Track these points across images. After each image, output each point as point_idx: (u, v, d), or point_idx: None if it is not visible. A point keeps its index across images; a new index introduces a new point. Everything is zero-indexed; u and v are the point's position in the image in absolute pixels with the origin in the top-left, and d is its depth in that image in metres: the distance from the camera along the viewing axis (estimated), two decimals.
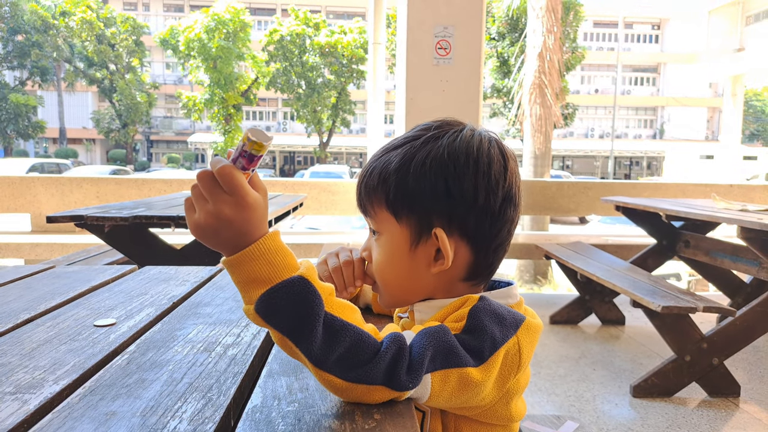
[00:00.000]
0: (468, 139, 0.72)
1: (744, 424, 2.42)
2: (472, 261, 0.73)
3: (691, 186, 5.45)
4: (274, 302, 0.57)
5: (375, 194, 0.73)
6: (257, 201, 0.59)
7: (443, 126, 0.74)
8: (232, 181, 0.57)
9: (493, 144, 0.73)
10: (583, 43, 25.90)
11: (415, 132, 0.75)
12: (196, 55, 23.28)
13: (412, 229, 0.72)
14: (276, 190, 4.90)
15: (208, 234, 0.59)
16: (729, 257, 3.38)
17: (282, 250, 0.59)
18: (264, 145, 0.58)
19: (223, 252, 0.60)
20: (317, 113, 25.73)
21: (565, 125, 16.12)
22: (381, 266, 0.76)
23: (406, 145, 0.73)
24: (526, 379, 0.72)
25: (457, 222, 0.71)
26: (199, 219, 0.59)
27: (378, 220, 0.75)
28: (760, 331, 2.69)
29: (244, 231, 0.58)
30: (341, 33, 24.40)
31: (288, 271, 0.58)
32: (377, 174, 0.73)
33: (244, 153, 0.58)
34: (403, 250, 0.73)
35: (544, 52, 7.58)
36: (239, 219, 0.58)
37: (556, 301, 4.14)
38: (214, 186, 0.57)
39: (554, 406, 2.60)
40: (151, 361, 0.72)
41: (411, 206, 0.71)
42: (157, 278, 1.20)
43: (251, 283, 0.58)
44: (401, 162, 0.71)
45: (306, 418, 0.57)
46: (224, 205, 0.57)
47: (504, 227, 0.74)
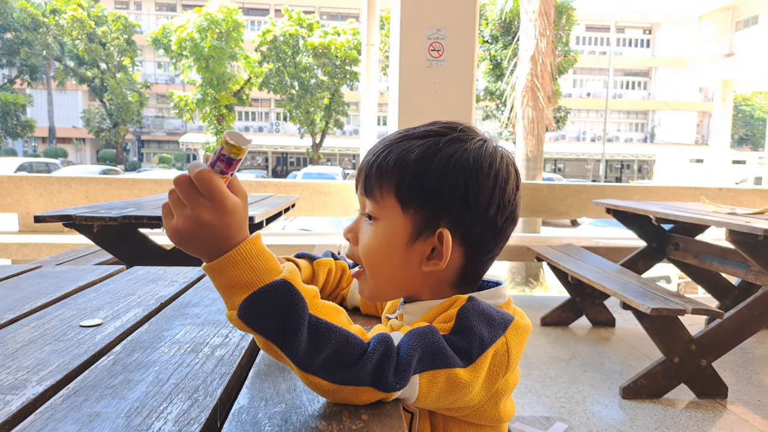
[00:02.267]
0: (492, 152, 0.73)
1: (731, 425, 2.44)
2: (462, 267, 0.74)
3: (681, 189, 5.49)
4: (257, 307, 0.56)
5: (386, 179, 0.72)
6: (237, 205, 0.58)
7: (468, 131, 0.74)
8: (211, 186, 0.56)
9: (511, 163, 0.75)
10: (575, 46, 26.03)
11: (438, 128, 0.74)
12: (188, 54, 23.20)
13: (417, 222, 0.71)
14: (268, 191, 4.89)
15: (187, 239, 0.58)
16: (717, 260, 3.40)
17: (263, 254, 0.59)
18: (242, 149, 0.57)
19: (203, 258, 0.59)
20: (310, 114, 25.70)
21: (557, 128, 16.20)
22: (372, 252, 0.74)
23: (431, 138, 0.72)
24: (515, 379, 0.72)
25: (463, 227, 0.71)
26: (177, 224, 0.58)
27: (381, 206, 0.73)
28: (747, 333, 2.71)
29: (223, 236, 0.58)
30: (335, 34, 24.40)
31: (270, 275, 0.58)
32: (394, 159, 0.71)
33: (222, 157, 0.57)
34: (400, 241, 0.72)
35: (537, 55, 7.61)
36: (218, 224, 0.57)
37: (548, 303, 4.16)
38: (192, 191, 0.57)
39: (544, 407, 2.61)
40: (137, 362, 0.72)
41: (423, 200, 0.70)
42: (145, 278, 1.19)
43: (233, 288, 0.57)
44: (423, 154, 0.70)
45: (293, 418, 0.57)
46: (203, 210, 0.57)
47: (501, 242, 0.75)
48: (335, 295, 0.97)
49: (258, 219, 2.32)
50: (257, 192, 4.69)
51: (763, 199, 5.34)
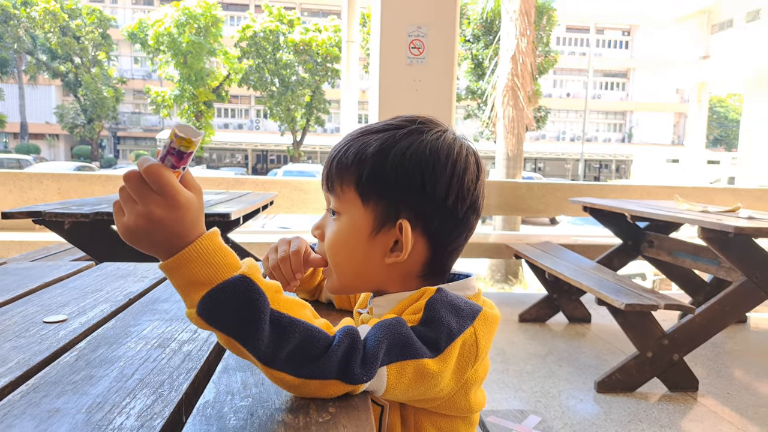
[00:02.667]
0: (450, 142, 0.73)
1: (701, 416, 2.49)
2: (427, 259, 0.74)
3: (656, 188, 5.58)
4: (216, 303, 0.55)
5: (346, 173, 0.72)
6: (190, 200, 0.57)
7: (427, 123, 0.75)
8: (161, 180, 0.55)
9: (471, 153, 0.75)
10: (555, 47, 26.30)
11: (398, 121, 0.75)
12: (165, 49, 22.87)
13: (377, 215, 0.72)
14: (246, 189, 4.85)
15: (140, 237, 0.57)
16: (690, 257, 3.47)
17: (221, 249, 0.58)
18: (193, 141, 0.56)
19: (158, 256, 0.58)
20: (291, 111, 25.54)
21: (538, 128, 16.35)
22: (336, 247, 0.75)
23: (389, 132, 0.72)
24: (485, 369, 0.72)
25: (423, 218, 0.71)
26: (128, 222, 0.56)
27: (343, 200, 0.74)
28: (717, 327, 2.77)
29: (178, 232, 0.56)
30: (316, 31, 24.27)
31: (229, 270, 0.57)
32: (353, 154, 0.72)
33: (172, 150, 0.56)
34: (362, 234, 0.73)
35: (517, 55, 7.66)
36: (171, 219, 0.56)
37: (526, 300, 4.20)
38: (142, 186, 0.55)
39: (521, 401, 2.63)
40: (101, 358, 0.70)
41: (382, 192, 0.71)
42: (114, 275, 1.17)
43: (191, 285, 0.56)
44: (380, 147, 0.71)
45: (259, 412, 0.56)
46: (154, 206, 0.55)
47: (463, 233, 0.75)
48: (318, 290, 0.97)
49: (234, 216, 2.30)
50: (235, 189, 4.65)
51: (735, 197, 5.45)
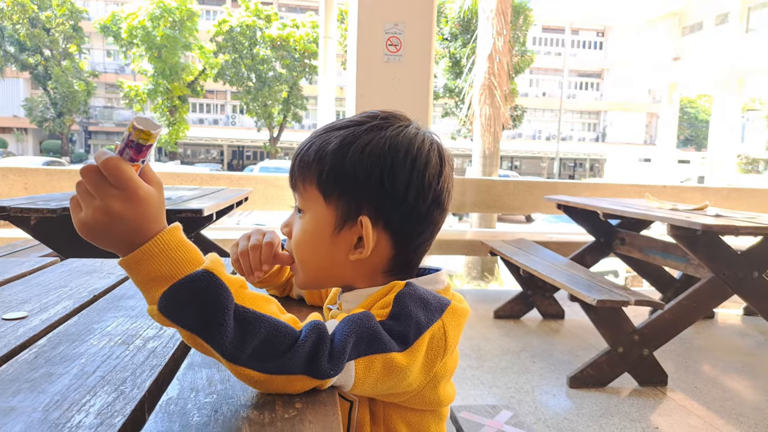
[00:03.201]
0: (411, 137, 0.72)
1: (670, 410, 2.54)
2: (392, 255, 0.73)
3: (628, 186, 5.68)
4: (178, 299, 0.54)
5: (308, 171, 0.72)
6: (150, 194, 0.56)
7: (390, 118, 0.74)
8: (120, 174, 0.53)
9: (434, 146, 0.74)
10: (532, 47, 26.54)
11: (360, 117, 0.74)
12: (139, 43, 22.45)
13: (339, 212, 0.71)
14: (220, 185, 4.79)
15: (98, 232, 0.55)
16: (660, 254, 3.54)
17: (183, 244, 0.57)
18: (152, 134, 0.55)
19: (118, 252, 0.56)
20: (268, 107, 25.31)
21: (514, 127, 16.48)
22: (301, 244, 0.75)
23: (350, 129, 0.72)
24: (454, 362, 0.72)
25: (384, 214, 0.71)
26: (86, 217, 0.55)
27: (306, 198, 0.74)
28: (686, 323, 2.83)
29: (137, 227, 0.55)
30: (293, 26, 24.08)
31: (191, 265, 0.55)
32: (314, 151, 0.72)
33: (130, 143, 0.55)
34: (325, 231, 0.72)
35: (494, 54, 7.72)
36: (131, 214, 0.54)
37: (501, 297, 4.23)
38: (100, 180, 0.54)
39: (495, 397, 2.65)
40: (61, 355, 0.68)
41: (342, 190, 0.70)
42: (79, 271, 1.14)
43: (152, 282, 0.55)
44: (340, 144, 0.70)
45: (223, 408, 0.55)
46: (113, 200, 0.54)
47: (428, 228, 0.74)
48: (287, 286, 0.97)
49: (207, 212, 2.27)
50: (210, 185, 4.59)
51: (704, 196, 5.58)
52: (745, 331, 3.83)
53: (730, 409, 2.58)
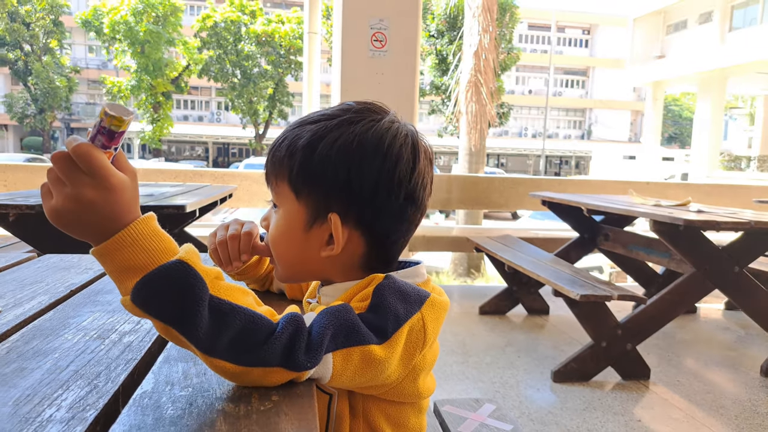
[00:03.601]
0: (382, 132, 0.70)
1: (652, 404, 2.57)
2: (365, 252, 0.73)
3: (612, 183, 5.73)
4: (151, 290, 0.53)
5: (280, 167, 0.71)
6: (123, 182, 0.55)
7: (363, 111, 0.72)
8: (91, 161, 0.52)
9: (407, 141, 0.72)
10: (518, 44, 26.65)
11: (334, 110, 0.73)
12: (122, 38, 22.14)
13: (310, 209, 0.71)
14: (204, 181, 4.75)
15: (69, 220, 0.54)
16: (643, 249, 3.57)
17: (157, 234, 0.56)
18: (124, 120, 0.54)
19: (90, 241, 0.55)
20: (253, 104, 25.13)
21: (500, 124, 16.55)
22: (275, 239, 0.75)
23: (320, 123, 0.71)
24: (434, 355, 0.72)
25: (354, 212, 0.70)
26: (57, 204, 0.53)
27: (279, 194, 0.73)
28: (668, 317, 2.86)
29: (110, 216, 0.54)
30: (278, 22, 23.92)
31: (165, 255, 0.55)
32: (285, 147, 0.71)
33: (102, 130, 0.54)
34: (297, 228, 0.72)
35: (480, 51, 7.73)
36: (103, 202, 0.53)
37: (487, 293, 4.24)
38: (71, 167, 0.53)
39: (480, 392, 2.66)
40: (34, 350, 0.67)
41: (311, 187, 0.70)
42: (56, 266, 1.12)
43: (125, 272, 0.54)
44: (310, 140, 0.69)
45: (198, 402, 0.55)
46: (84, 187, 0.53)
47: (402, 226, 0.73)
48: (267, 279, 0.96)
49: (190, 208, 2.25)
50: (193, 182, 4.54)
51: (686, 192, 5.65)
52: (727, 325, 3.89)
53: (711, 401, 2.62)
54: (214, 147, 35.43)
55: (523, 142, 38.12)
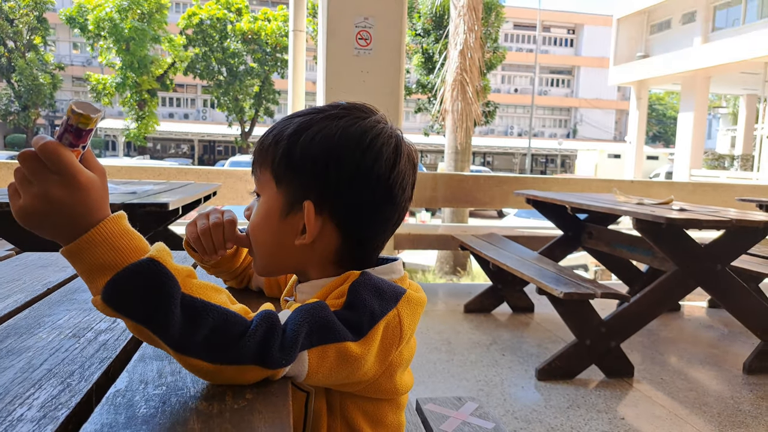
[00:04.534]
0: (365, 128, 0.71)
1: (636, 401, 2.60)
2: (339, 247, 0.73)
3: (597, 181, 5.78)
4: (122, 289, 0.53)
5: (265, 155, 0.73)
6: (91, 181, 0.54)
7: (351, 109, 0.73)
8: (59, 159, 0.52)
9: (390, 141, 0.72)
10: (504, 43, 26.78)
11: (324, 106, 0.74)
12: (106, 35, 21.87)
13: (287, 197, 0.71)
14: (188, 179, 4.71)
15: (38, 220, 0.53)
16: (627, 248, 3.61)
17: (128, 233, 0.55)
18: (92, 118, 0.53)
19: (59, 240, 0.55)
20: (239, 102, 24.97)
21: (487, 123, 16.58)
22: (254, 227, 0.75)
23: (308, 116, 0.72)
24: (411, 351, 0.72)
25: (328, 203, 0.70)
26: (24, 203, 0.53)
27: (261, 182, 0.74)
28: (652, 315, 2.89)
29: (78, 214, 0.53)
30: (264, 20, 23.78)
31: (135, 254, 0.54)
32: (273, 136, 0.73)
33: (69, 128, 0.53)
34: (275, 215, 0.72)
35: (466, 50, 7.75)
36: (71, 201, 0.53)
37: (472, 291, 4.26)
38: (38, 166, 0.52)
39: (464, 390, 2.67)
40: (7, 349, 0.66)
41: (291, 175, 0.71)
42: (34, 264, 1.11)
43: (95, 271, 0.53)
44: (295, 130, 0.71)
45: (172, 400, 0.54)
46: (51, 186, 0.52)
47: (377, 224, 0.73)
48: (245, 276, 0.96)
49: (173, 206, 2.23)
50: (177, 179, 4.51)
51: (670, 191, 5.71)
52: (710, 323, 3.93)
53: (694, 399, 2.65)
54: (199, 145, 35.17)
55: (509, 141, 38.32)
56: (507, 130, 40.53)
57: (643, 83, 20.07)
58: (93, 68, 30.09)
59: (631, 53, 21.06)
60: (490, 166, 36.76)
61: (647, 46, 21.11)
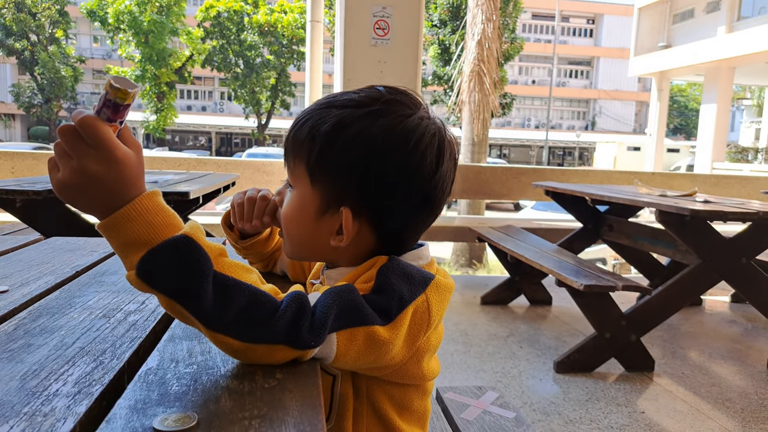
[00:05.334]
0: (408, 130, 0.67)
1: (656, 395, 2.57)
2: (375, 245, 0.71)
3: (617, 173, 5.71)
4: (156, 264, 0.53)
5: (300, 149, 0.70)
6: (128, 156, 0.55)
7: (393, 102, 0.69)
8: (97, 133, 0.52)
9: (434, 141, 0.69)
10: (521, 34, 26.47)
11: (362, 96, 0.70)
12: (126, 28, 22.09)
13: (323, 197, 0.69)
14: (208, 170, 4.75)
15: (75, 193, 0.54)
16: (648, 240, 3.56)
17: (162, 209, 0.56)
18: (129, 93, 0.54)
19: (95, 215, 0.55)
20: (256, 94, 25.09)
21: (503, 114, 16.45)
22: (287, 219, 0.74)
23: (347, 110, 0.68)
24: (438, 337, 0.72)
25: (367, 207, 0.68)
26: (63, 177, 0.54)
27: (295, 175, 0.72)
28: (673, 309, 2.85)
29: (115, 190, 0.54)
30: (281, 12, 23.82)
31: (169, 230, 0.55)
32: (308, 129, 0.69)
33: (107, 102, 0.53)
34: (309, 213, 0.71)
35: (483, 40, 7.68)
36: (108, 176, 0.53)
37: (489, 283, 4.25)
38: (77, 140, 0.53)
39: (482, 381, 2.67)
40: (41, 327, 0.67)
41: (328, 176, 0.68)
42: (62, 248, 1.12)
43: (130, 246, 0.54)
44: (333, 127, 0.67)
45: (203, 378, 0.55)
46: (90, 160, 0.53)
47: (415, 225, 0.72)
48: (272, 259, 0.96)
49: (193, 195, 2.25)
50: (197, 170, 4.55)
51: (693, 183, 5.62)
52: (733, 317, 3.87)
53: (716, 394, 2.61)
54: (217, 137, 35.43)
55: (527, 133, 37.99)
56: (524, 122, 40.17)
57: (664, 74, 19.72)
58: (113, 61, 30.46)
59: (653, 43, 20.69)
60: (507, 158, 36.48)
61: (669, 36, 20.72)
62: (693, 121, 35.24)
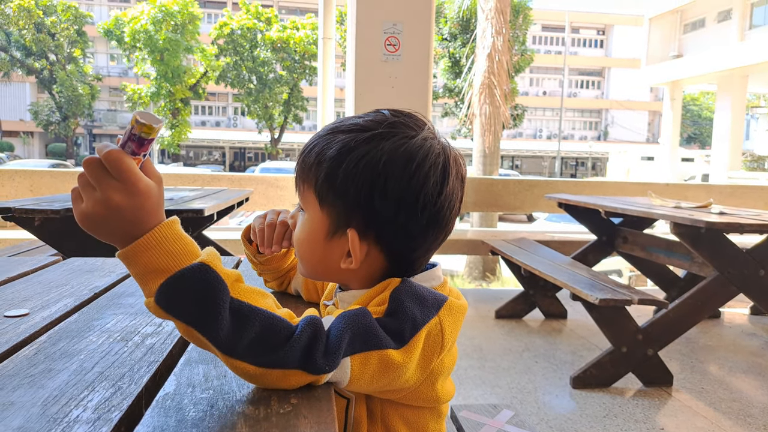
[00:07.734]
0: (411, 151, 0.68)
1: (675, 411, 2.53)
2: (385, 266, 0.72)
3: (630, 185, 5.67)
4: (175, 291, 0.54)
5: (308, 174, 0.72)
6: (150, 187, 0.56)
7: (397, 125, 0.70)
8: (121, 166, 0.54)
9: (438, 161, 0.70)
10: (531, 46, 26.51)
11: (367, 120, 0.71)
12: (142, 46, 22.49)
13: (331, 220, 0.71)
14: (221, 185, 4.80)
15: (98, 224, 0.56)
16: (664, 252, 3.53)
17: (181, 237, 0.57)
18: (154, 128, 0.55)
19: (116, 244, 0.57)
20: (269, 109, 25.34)
21: (515, 126, 16.44)
22: (299, 242, 0.76)
23: (352, 134, 0.69)
24: (452, 359, 0.72)
25: (374, 230, 0.69)
26: (86, 208, 0.55)
27: (305, 199, 0.73)
28: (691, 322, 2.81)
29: (136, 219, 0.56)
30: (293, 28, 24.11)
31: (188, 258, 0.56)
32: (315, 154, 0.71)
33: (132, 137, 0.55)
34: (319, 236, 0.72)
35: (494, 53, 7.71)
36: (130, 206, 0.55)
37: (503, 296, 4.22)
38: (101, 172, 0.55)
39: (497, 397, 2.64)
40: (61, 351, 0.68)
41: (334, 199, 0.69)
42: (80, 269, 1.14)
43: (149, 274, 0.55)
44: (339, 151, 0.68)
45: (219, 404, 0.55)
46: (113, 192, 0.54)
47: (424, 246, 0.72)
48: (286, 278, 0.98)
49: (208, 212, 2.27)
50: (211, 186, 4.59)
51: (708, 194, 5.56)
52: (752, 330, 3.81)
53: (737, 410, 2.56)
54: (230, 151, 35.76)
55: (538, 144, 37.88)
56: (536, 133, 40.08)
57: (677, 83, 19.60)
58: (129, 78, 30.96)
59: (664, 53, 20.62)
60: (519, 169, 36.36)
61: (681, 46, 20.63)
62: (707, 130, 34.89)
